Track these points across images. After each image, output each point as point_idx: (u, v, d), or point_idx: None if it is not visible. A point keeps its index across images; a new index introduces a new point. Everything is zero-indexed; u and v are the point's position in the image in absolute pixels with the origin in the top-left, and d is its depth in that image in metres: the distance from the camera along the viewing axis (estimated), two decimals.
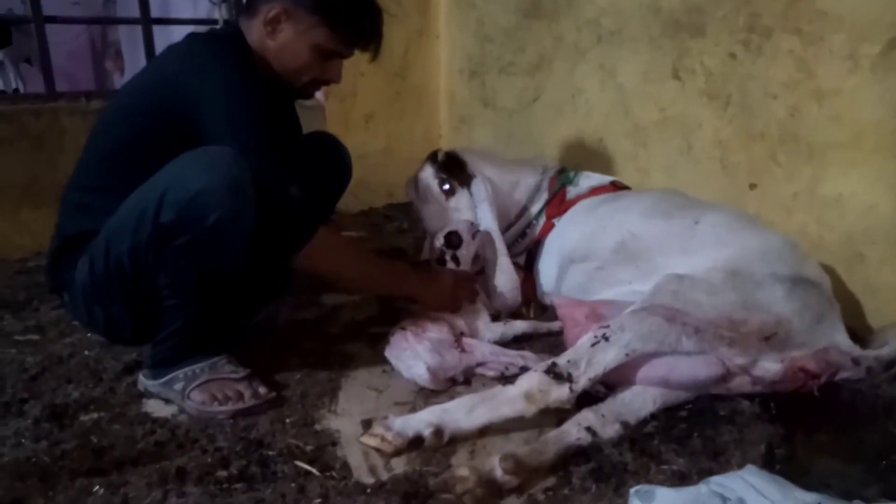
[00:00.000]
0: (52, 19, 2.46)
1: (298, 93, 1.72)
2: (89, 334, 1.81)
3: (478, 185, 2.04)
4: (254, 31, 1.61)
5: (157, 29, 2.67)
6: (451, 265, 1.84)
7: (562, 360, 1.37)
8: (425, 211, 2.16)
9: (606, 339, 1.38)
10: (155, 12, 2.75)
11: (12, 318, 1.96)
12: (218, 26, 2.66)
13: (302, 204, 1.49)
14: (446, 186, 2.09)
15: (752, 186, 2.06)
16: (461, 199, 2.08)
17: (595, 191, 2.04)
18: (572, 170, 2.15)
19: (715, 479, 1.12)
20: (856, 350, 1.44)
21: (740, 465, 1.19)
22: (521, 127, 2.34)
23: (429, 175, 2.13)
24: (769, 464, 1.27)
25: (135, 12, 2.63)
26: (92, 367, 1.66)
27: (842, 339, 1.45)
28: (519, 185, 2.12)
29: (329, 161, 2.02)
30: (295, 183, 1.47)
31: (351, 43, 1.63)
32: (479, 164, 2.11)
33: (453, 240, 1.83)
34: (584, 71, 2.54)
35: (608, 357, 1.36)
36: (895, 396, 1.51)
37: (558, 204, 2.08)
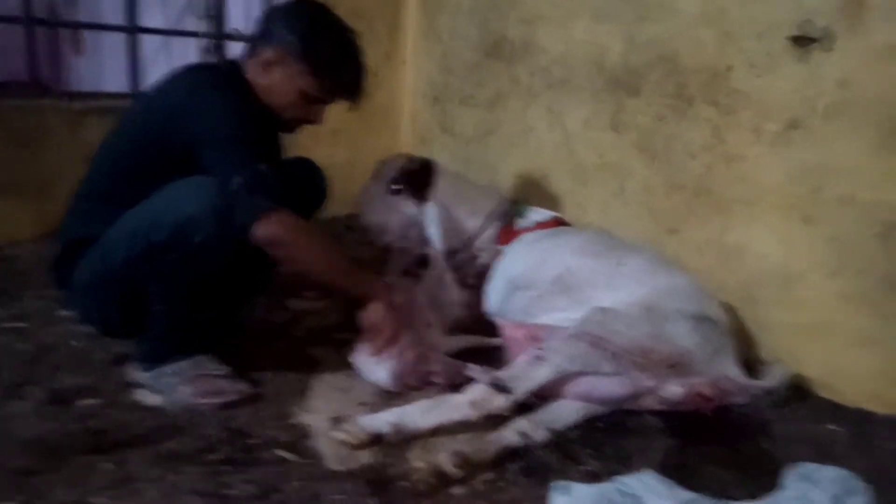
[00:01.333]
0: (43, 22, 2.58)
1: (283, 127, 1.90)
2: (74, 325, 1.97)
3: (432, 209, 2.29)
4: (251, 69, 1.80)
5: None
6: (410, 280, 2.07)
7: (504, 375, 1.64)
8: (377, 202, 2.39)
9: (541, 359, 1.66)
10: (115, 11, 2.83)
11: None
12: (214, 55, 2.85)
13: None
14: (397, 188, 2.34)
15: (673, 231, 2.38)
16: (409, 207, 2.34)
17: (540, 225, 2.30)
18: (522, 203, 2.42)
19: (620, 479, 1.39)
20: (744, 379, 1.74)
21: (641, 470, 1.43)
22: (476, 155, 2.59)
23: (391, 182, 2.38)
24: (664, 469, 1.50)
25: (96, 5, 2.69)
26: (81, 357, 1.83)
27: (733, 370, 1.75)
28: (475, 212, 2.37)
29: (305, 183, 2.22)
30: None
31: (334, 93, 1.82)
32: (443, 186, 2.35)
33: (424, 261, 2.06)
34: (535, 112, 2.82)
35: (542, 374, 1.64)
36: (772, 419, 1.84)
37: (507, 233, 2.34)
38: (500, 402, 1.59)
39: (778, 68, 2.04)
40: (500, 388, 1.61)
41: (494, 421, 1.64)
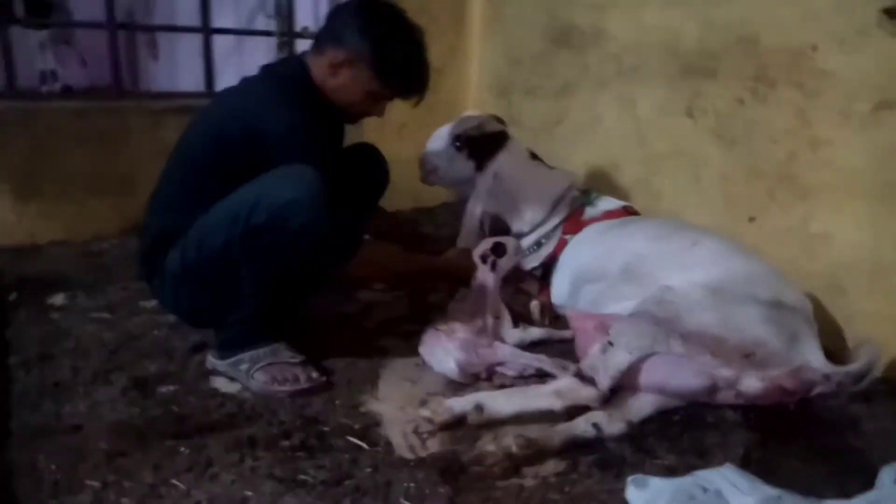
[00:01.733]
0: (124, 26, 2.69)
1: (345, 118, 2.00)
2: (156, 316, 2.06)
3: (484, 177, 2.28)
4: (317, 67, 1.87)
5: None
6: (488, 267, 2.06)
7: (584, 367, 1.62)
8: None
9: (612, 344, 1.62)
10: (193, 19, 2.95)
11: (84, 297, 2.19)
12: (285, 56, 2.95)
13: (350, 225, 1.81)
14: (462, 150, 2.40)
15: (752, 219, 2.28)
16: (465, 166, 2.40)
17: (608, 214, 2.25)
18: (592, 192, 2.38)
19: (699, 473, 1.34)
20: (828, 367, 1.61)
21: (721, 464, 1.38)
22: (544, 147, 2.55)
23: (456, 137, 2.43)
24: (746, 464, 1.46)
25: (172, 2, 2.82)
26: (163, 346, 1.90)
27: (815, 358, 1.62)
28: (540, 197, 2.34)
29: (370, 167, 2.29)
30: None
31: (399, 94, 1.91)
32: (506, 163, 2.34)
33: (499, 249, 2.05)
34: (605, 100, 2.76)
35: (618, 360, 1.59)
36: (860, 414, 1.74)
37: (574, 222, 2.30)
38: (587, 393, 1.57)
39: (867, 44, 1.92)
40: (585, 379, 1.59)
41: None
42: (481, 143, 2.39)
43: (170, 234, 1.79)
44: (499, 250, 2.06)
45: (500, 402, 1.60)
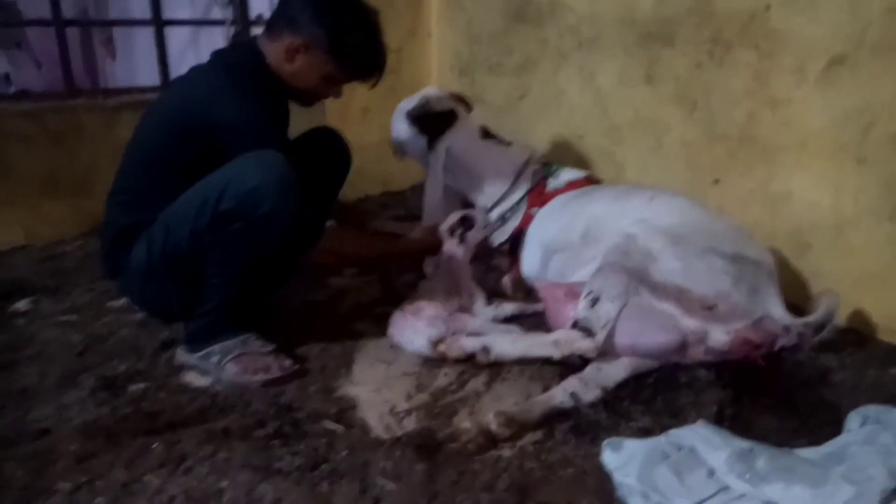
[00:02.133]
0: (73, 22, 2.62)
1: (302, 101, 1.96)
2: (122, 315, 2.03)
3: (436, 154, 2.30)
4: (272, 53, 1.83)
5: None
6: (456, 240, 2.05)
7: (579, 320, 1.65)
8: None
9: (596, 298, 1.64)
10: (144, 11, 2.88)
11: (48, 301, 2.14)
12: (236, 41, 2.88)
13: (312, 211, 1.80)
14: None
15: (716, 182, 2.30)
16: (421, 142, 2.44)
17: (571, 185, 2.25)
18: (556, 164, 2.38)
19: (672, 431, 1.36)
20: (787, 318, 1.64)
21: (695, 423, 1.42)
22: (508, 123, 2.55)
23: (406, 115, 2.45)
24: (719, 421, 1.48)
25: (125, 5, 2.74)
26: (131, 344, 1.87)
27: (775, 310, 1.65)
28: (499, 172, 2.36)
29: (330, 151, 2.26)
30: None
31: (355, 76, 1.89)
32: (459, 139, 2.36)
33: (467, 222, 2.05)
34: (566, 73, 2.75)
35: (606, 308, 1.62)
36: (830, 366, 1.78)
37: (538, 195, 2.30)
38: (584, 344, 1.61)
39: (820, 3, 1.94)
40: (585, 330, 1.63)
41: (540, 383, 1.64)
42: (430, 121, 2.40)
43: (131, 230, 1.76)
44: (467, 223, 2.05)
45: (506, 346, 1.70)
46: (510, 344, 1.71)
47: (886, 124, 1.86)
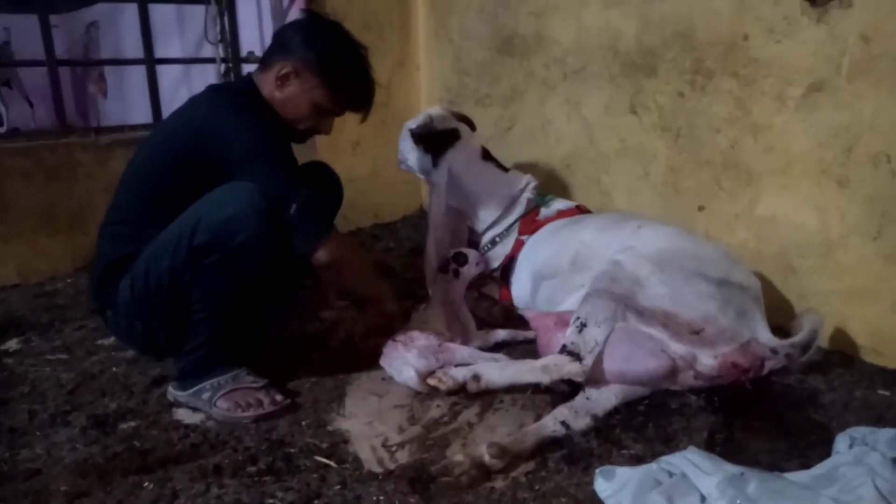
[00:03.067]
0: (66, 62, 2.66)
1: (294, 137, 1.96)
2: (114, 352, 2.03)
3: (439, 172, 2.33)
4: (265, 83, 1.86)
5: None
6: (450, 276, 2.07)
7: (568, 345, 1.66)
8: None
9: (584, 324, 1.66)
10: (136, 50, 2.92)
11: (39, 339, 2.14)
12: (231, 79, 2.93)
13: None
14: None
15: (701, 208, 2.33)
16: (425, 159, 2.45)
17: (561, 213, 2.29)
18: (546, 194, 2.41)
19: (663, 458, 1.36)
20: (774, 341, 1.66)
21: (686, 449, 1.42)
22: (497, 153, 2.57)
23: (411, 133, 2.48)
24: (711, 446, 1.50)
25: (118, 38, 2.81)
26: (122, 382, 1.86)
27: (762, 333, 1.67)
28: (498, 192, 2.39)
29: (323, 187, 2.26)
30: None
31: (345, 106, 1.91)
32: (459, 160, 2.38)
33: (460, 259, 2.07)
34: (553, 104, 2.80)
35: (594, 334, 1.64)
36: (818, 387, 1.78)
37: (530, 223, 2.33)
38: (572, 368, 1.62)
39: (797, 31, 1.99)
40: (573, 355, 1.64)
41: (532, 412, 1.64)
42: (433, 140, 2.43)
43: (121, 263, 1.75)
44: (460, 259, 2.07)
45: (495, 374, 1.70)
46: (499, 371, 1.72)
47: (867, 145, 1.89)
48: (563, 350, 1.66)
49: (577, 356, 1.63)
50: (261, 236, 1.61)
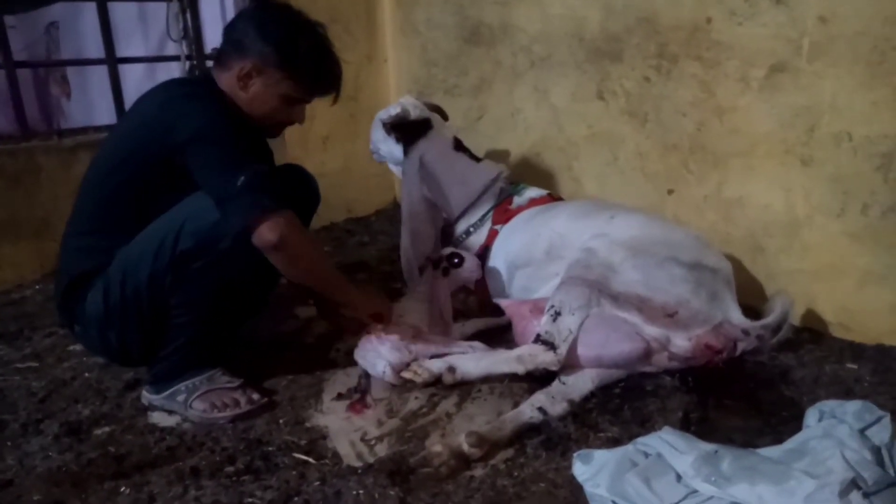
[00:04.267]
0: (24, 64, 2.60)
1: (266, 133, 1.88)
2: (85, 358, 1.99)
3: (410, 162, 2.34)
4: (225, 81, 1.75)
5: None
6: (439, 273, 2.04)
7: (542, 334, 1.67)
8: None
9: (558, 312, 1.67)
10: (98, 49, 2.86)
11: (8, 348, 2.10)
12: (190, 73, 2.85)
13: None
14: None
15: (670, 192, 2.35)
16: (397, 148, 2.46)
17: (534, 202, 2.29)
18: (521, 183, 2.41)
19: (639, 440, 1.38)
20: (745, 322, 1.70)
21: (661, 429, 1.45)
22: (468, 143, 2.56)
23: (382, 124, 2.47)
24: (686, 426, 1.53)
25: (78, 38, 2.74)
26: (95, 387, 1.84)
27: (734, 315, 1.71)
28: (470, 182, 2.38)
29: (299, 190, 2.21)
30: None
31: (314, 91, 1.80)
32: (430, 150, 2.37)
33: (455, 259, 2.05)
34: (521, 92, 2.80)
35: (567, 322, 1.65)
36: (789, 364, 1.82)
37: (503, 212, 2.33)
38: (547, 357, 1.63)
39: (757, 14, 2.02)
40: (547, 343, 1.65)
41: (510, 399, 1.65)
42: (405, 129, 2.42)
43: (85, 277, 1.69)
44: (454, 260, 2.05)
45: (470, 365, 1.71)
46: (475, 362, 1.72)
47: (828, 125, 1.93)
48: (538, 339, 1.67)
49: (551, 345, 1.64)
50: (245, 242, 1.55)
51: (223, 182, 1.55)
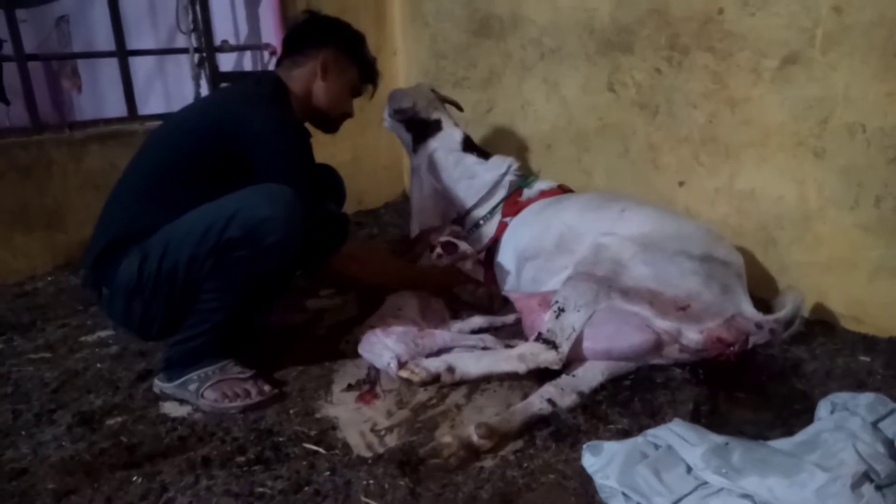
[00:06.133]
0: (35, 57, 2.61)
1: (329, 127, 2.11)
2: (98, 349, 2.01)
3: (419, 158, 2.34)
4: (300, 78, 1.97)
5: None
6: (434, 257, 2.10)
7: (544, 332, 1.66)
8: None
9: (562, 308, 1.66)
10: (109, 42, 2.88)
11: (21, 339, 2.12)
12: (206, 68, 3.00)
13: (337, 217, 1.95)
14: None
15: (681, 184, 2.34)
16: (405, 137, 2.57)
17: (544, 194, 2.29)
18: (529, 175, 2.41)
19: (649, 431, 1.37)
20: (758, 316, 1.69)
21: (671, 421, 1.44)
22: (477, 135, 2.58)
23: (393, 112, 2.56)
24: (696, 418, 1.52)
25: (88, 31, 2.76)
26: (107, 378, 1.85)
27: (746, 308, 1.70)
28: (477, 179, 2.39)
29: (329, 188, 2.31)
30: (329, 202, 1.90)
31: (368, 80, 2.09)
32: (439, 149, 2.40)
33: (449, 248, 2.08)
34: (531, 85, 2.79)
35: (571, 319, 1.64)
36: (801, 357, 1.81)
37: (513, 204, 2.33)
38: (548, 356, 1.62)
39: (770, 3, 2.00)
40: (547, 342, 1.64)
41: (520, 391, 1.65)
42: (415, 125, 2.49)
43: (125, 241, 1.71)
44: (449, 249, 2.08)
45: (469, 364, 1.68)
46: (475, 361, 1.70)
47: (841, 116, 1.91)
48: (539, 338, 1.66)
49: (552, 344, 1.63)
50: (290, 242, 1.64)
51: (297, 193, 1.68)
